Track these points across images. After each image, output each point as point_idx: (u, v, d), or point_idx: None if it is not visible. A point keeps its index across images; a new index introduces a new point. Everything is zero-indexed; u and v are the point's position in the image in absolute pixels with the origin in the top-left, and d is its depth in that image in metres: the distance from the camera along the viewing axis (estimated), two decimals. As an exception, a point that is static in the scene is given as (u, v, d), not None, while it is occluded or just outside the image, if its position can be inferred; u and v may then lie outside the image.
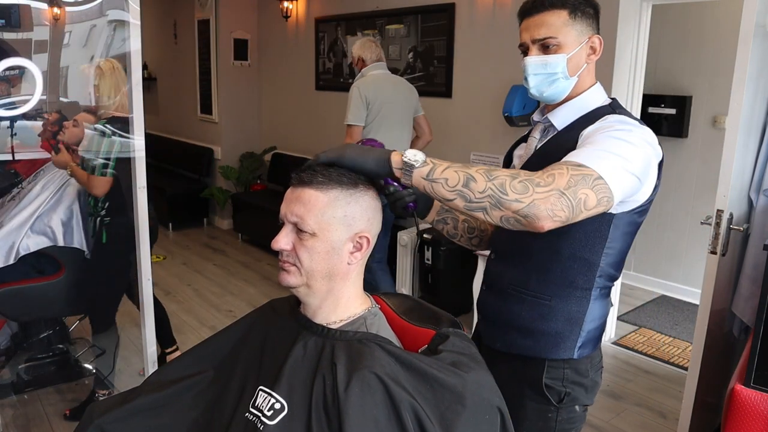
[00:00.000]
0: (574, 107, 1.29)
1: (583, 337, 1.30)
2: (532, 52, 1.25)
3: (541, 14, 1.23)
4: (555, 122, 1.30)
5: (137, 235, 2.12)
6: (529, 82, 1.27)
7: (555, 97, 1.28)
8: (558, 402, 1.30)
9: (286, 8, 5.15)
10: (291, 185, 1.05)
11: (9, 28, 2.05)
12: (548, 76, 1.25)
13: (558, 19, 1.23)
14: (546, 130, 1.33)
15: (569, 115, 1.29)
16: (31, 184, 2.54)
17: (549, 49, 1.24)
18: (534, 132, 1.36)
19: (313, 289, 1.05)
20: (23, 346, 2.81)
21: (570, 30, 1.24)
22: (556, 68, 1.24)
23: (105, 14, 2.21)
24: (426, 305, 1.24)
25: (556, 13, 1.23)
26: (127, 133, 2.15)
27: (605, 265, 1.27)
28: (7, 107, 2.11)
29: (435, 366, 0.97)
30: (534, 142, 1.34)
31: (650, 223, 4.29)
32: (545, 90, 1.27)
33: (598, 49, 1.30)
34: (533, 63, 1.24)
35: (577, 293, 1.27)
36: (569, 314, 1.28)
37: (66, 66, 2.43)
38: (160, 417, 1.08)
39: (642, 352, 3.36)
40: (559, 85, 1.26)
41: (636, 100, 3.19)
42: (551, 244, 1.24)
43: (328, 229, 1.02)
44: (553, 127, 1.31)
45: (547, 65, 1.24)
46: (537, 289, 1.29)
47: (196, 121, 6.08)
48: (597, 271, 1.27)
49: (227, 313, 3.82)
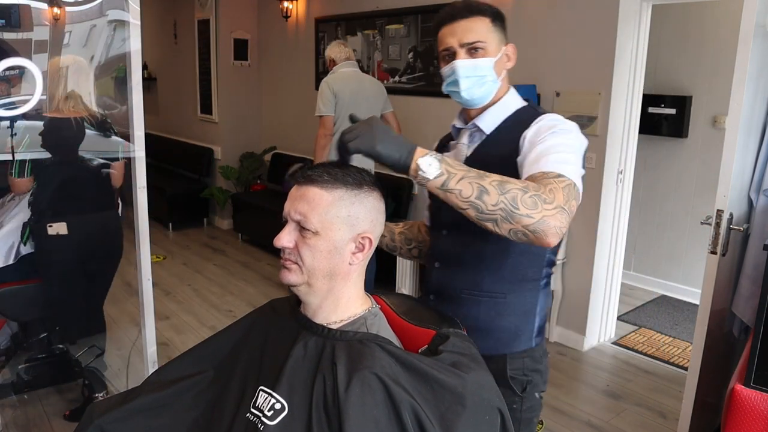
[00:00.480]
0: (498, 111, 1.34)
1: (537, 325, 1.38)
2: (461, 56, 1.28)
3: (468, 20, 1.27)
4: (482, 126, 1.34)
5: (137, 235, 2.12)
6: (460, 85, 1.29)
7: (484, 99, 1.32)
8: (521, 392, 1.36)
9: (286, 8, 5.15)
10: (296, 183, 1.06)
11: (9, 28, 2.05)
12: (479, 79, 1.29)
13: (483, 25, 1.28)
14: (473, 135, 1.38)
15: (495, 119, 1.34)
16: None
17: (477, 52, 1.28)
18: (461, 138, 1.40)
19: (314, 288, 1.05)
20: (23, 346, 2.81)
21: (493, 36, 1.29)
22: (486, 71, 1.29)
23: (105, 14, 2.21)
24: (426, 305, 1.24)
25: (481, 19, 1.28)
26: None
27: (549, 254, 1.36)
28: (7, 107, 2.10)
29: (435, 367, 0.97)
30: (464, 148, 1.38)
31: (650, 223, 4.29)
32: (476, 92, 1.30)
33: (512, 57, 1.35)
34: (465, 66, 1.28)
35: (528, 285, 1.34)
36: (524, 306, 1.35)
37: (66, 66, 2.43)
38: (160, 417, 1.08)
39: (642, 352, 3.36)
40: (489, 88, 1.31)
41: (636, 100, 3.19)
42: (501, 245, 1.29)
43: (331, 229, 1.02)
44: (481, 131, 1.35)
45: (478, 68, 1.28)
46: (491, 288, 1.34)
47: (196, 121, 6.08)
48: (544, 261, 1.35)
49: (227, 313, 3.82)
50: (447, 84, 1.33)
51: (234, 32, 5.55)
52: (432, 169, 1.03)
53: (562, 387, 2.96)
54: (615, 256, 3.38)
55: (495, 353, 1.33)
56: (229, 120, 5.73)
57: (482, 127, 1.34)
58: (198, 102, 6.00)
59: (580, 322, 3.36)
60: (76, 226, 2.44)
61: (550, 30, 3.26)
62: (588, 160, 3.17)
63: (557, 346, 3.40)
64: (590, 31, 3.09)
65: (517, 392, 1.35)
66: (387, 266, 3.66)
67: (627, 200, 3.33)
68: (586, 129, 3.17)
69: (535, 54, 3.32)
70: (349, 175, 1.05)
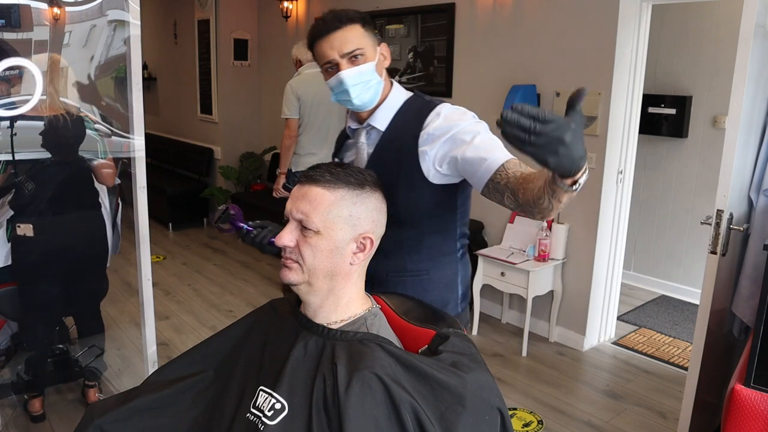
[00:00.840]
0: (388, 108, 1.42)
1: (461, 293, 1.51)
2: (344, 66, 1.34)
3: (341, 30, 1.33)
4: (377, 125, 1.42)
5: (137, 235, 2.12)
6: (351, 94, 1.36)
7: (373, 101, 1.40)
8: None
9: (286, 8, 5.15)
10: (298, 183, 1.07)
11: (9, 28, 2.05)
12: (366, 84, 1.36)
13: (357, 32, 1.34)
14: (369, 133, 1.45)
15: (386, 115, 1.42)
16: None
17: (358, 59, 1.34)
18: (359, 138, 1.46)
19: (315, 288, 1.05)
20: (23, 346, 2.81)
21: (368, 41, 1.36)
22: (370, 75, 1.36)
23: (105, 14, 2.21)
24: (426, 305, 1.24)
25: (354, 27, 1.34)
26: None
27: (460, 227, 1.48)
28: (7, 107, 2.10)
29: (435, 367, 0.97)
30: (364, 147, 1.46)
31: (650, 223, 4.29)
32: (365, 96, 1.37)
33: (387, 55, 1.42)
34: (350, 75, 1.34)
35: (446, 260, 1.47)
36: (446, 279, 1.47)
37: (66, 66, 2.42)
38: (160, 417, 1.08)
39: (642, 352, 3.36)
40: (376, 89, 1.38)
41: (636, 100, 3.19)
42: (416, 230, 1.42)
43: (333, 228, 1.02)
44: (376, 129, 1.43)
45: (362, 74, 1.35)
46: (414, 268, 1.45)
47: (196, 121, 6.08)
48: (457, 236, 1.48)
49: (227, 313, 3.82)
50: (337, 94, 1.39)
51: (234, 32, 5.55)
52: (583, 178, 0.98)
53: (562, 387, 2.97)
54: (615, 256, 3.38)
55: None
56: (229, 120, 5.73)
57: (377, 125, 1.42)
58: (198, 102, 6.00)
59: (580, 322, 3.36)
60: (50, 226, 2.38)
61: (550, 30, 3.25)
62: (588, 160, 3.19)
63: (557, 346, 3.40)
64: (590, 31, 3.09)
65: None
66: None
67: (627, 200, 3.34)
68: (586, 129, 3.17)
69: (535, 54, 3.32)
70: (351, 175, 1.05)
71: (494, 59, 3.55)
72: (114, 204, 2.63)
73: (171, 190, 5.66)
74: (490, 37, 3.57)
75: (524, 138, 0.83)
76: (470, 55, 3.73)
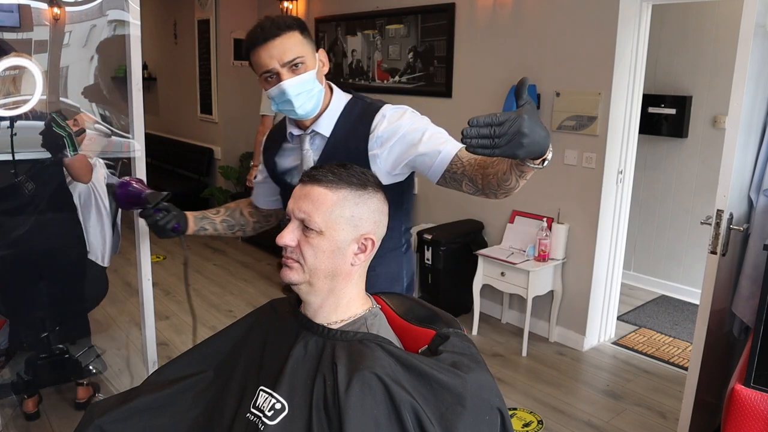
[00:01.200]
0: (330, 113, 1.41)
1: (405, 284, 1.54)
2: (285, 76, 1.31)
3: (280, 38, 1.29)
4: (322, 131, 1.41)
5: (137, 235, 2.12)
6: (294, 104, 1.33)
7: (316, 108, 1.38)
8: None
9: (286, 8, 5.15)
10: (300, 182, 1.07)
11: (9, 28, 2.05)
12: (308, 92, 1.33)
13: (296, 40, 1.31)
14: (313, 139, 1.43)
15: (330, 121, 1.40)
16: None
17: (298, 68, 1.31)
18: (303, 144, 1.44)
19: (315, 288, 1.05)
20: (23, 346, 2.81)
21: (306, 48, 1.33)
22: (312, 83, 1.33)
23: (105, 14, 2.21)
24: (426, 305, 1.24)
25: (292, 35, 1.30)
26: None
27: (405, 222, 1.51)
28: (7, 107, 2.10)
29: (435, 367, 0.97)
30: (309, 153, 1.43)
31: (650, 223, 4.29)
32: (308, 105, 1.35)
33: (325, 61, 1.40)
34: (292, 84, 1.31)
35: (391, 255, 1.48)
36: (391, 273, 1.50)
37: (66, 66, 2.42)
38: (160, 417, 1.08)
39: (642, 352, 3.36)
40: (318, 97, 1.36)
41: (636, 100, 3.19)
42: None
43: (335, 228, 1.02)
44: (320, 135, 1.42)
45: (305, 83, 1.32)
46: None
47: (196, 121, 6.08)
48: (401, 231, 1.50)
49: (227, 313, 3.82)
50: (278, 104, 1.36)
51: (234, 32, 5.55)
52: (550, 155, 1.04)
53: (562, 387, 2.97)
54: (615, 256, 3.38)
55: None
56: (229, 120, 5.73)
57: (321, 131, 1.41)
58: (198, 102, 6.00)
59: (580, 322, 3.36)
60: (21, 227, 2.35)
61: (550, 30, 3.25)
62: (588, 160, 3.20)
63: (557, 346, 3.40)
64: (590, 31, 3.09)
65: None
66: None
67: (627, 200, 3.34)
68: (586, 129, 3.17)
69: (535, 54, 3.32)
70: (353, 176, 1.05)
71: (494, 59, 3.55)
72: (114, 204, 2.63)
73: (171, 190, 5.64)
74: (490, 37, 3.57)
75: (489, 144, 0.90)
76: (470, 55, 3.73)
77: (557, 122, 3.26)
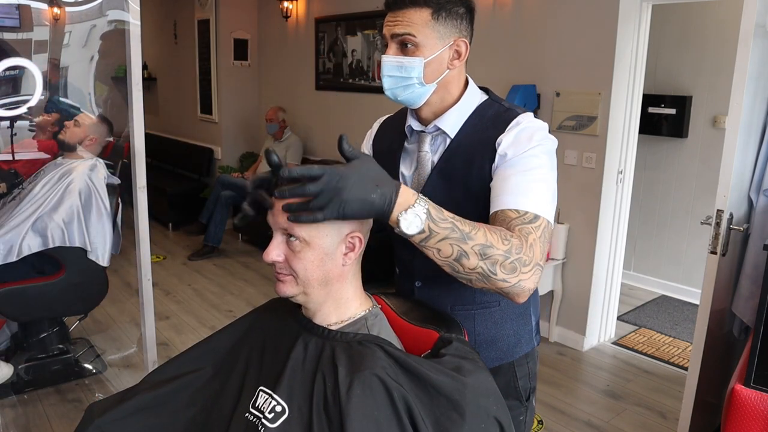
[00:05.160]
0: (460, 111, 1.22)
1: (535, 323, 1.33)
2: (391, 50, 1.17)
3: (403, 10, 1.15)
4: (446, 129, 1.22)
5: (137, 235, 2.12)
6: (384, 83, 1.18)
7: (410, 102, 1.20)
8: (526, 400, 1.31)
9: (286, 8, 5.15)
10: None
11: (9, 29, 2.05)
12: (403, 80, 1.16)
13: (419, 18, 1.14)
14: (435, 139, 1.25)
15: (458, 120, 1.22)
16: (32, 185, 2.54)
17: (407, 48, 1.15)
18: (422, 146, 1.25)
19: (311, 296, 1.05)
20: (23, 346, 2.81)
21: (431, 32, 1.14)
22: (411, 72, 1.15)
23: (105, 14, 2.21)
24: (426, 305, 1.24)
25: (419, 11, 1.14)
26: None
27: None
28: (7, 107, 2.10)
29: (434, 370, 0.96)
30: (427, 156, 1.24)
31: (650, 223, 4.29)
32: (399, 94, 1.18)
33: (463, 54, 1.20)
34: (388, 63, 1.16)
35: None
36: (519, 309, 1.28)
37: (66, 66, 2.43)
38: (158, 415, 1.08)
39: (642, 352, 3.36)
40: (414, 91, 1.18)
41: (636, 100, 3.19)
42: None
43: (318, 236, 0.99)
44: (444, 134, 1.23)
45: (403, 68, 1.15)
46: (483, 300, 1.26)
47: (196, 121, 6.08)
48: None
49: (227, 313, 3.82)
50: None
51: (234, 32, 5.55)
52: (413, 227, 0.93)
53: (562, 387, 2.96)
54: (615, 256, 3.38)
55: (501, 363, 1.29)
56: (229, 120, 5.73)
57: (446, 129, 1.22)
58: (198, 102, 5.99)
59: (580, 322, 3.36)
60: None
61: (550, 30, 3.25)
62: (588, 160, 3.20)
63: (557, 346, 3.40)
64: (590, 31, 3.09)
65: (523, 402, 1.31)
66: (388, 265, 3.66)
67: (627, 200, 3.34)
68: (586, 129, 3.17)
69: (535, 54, 3.32)
70: None
71: (494, 59, 3.55)
72: (114, 204, 2.64)
73: (171, 190, 5.66)
74: (490, 37, 3.57)
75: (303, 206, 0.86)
76: (470, 55, 3.72)
77: (557, 122, 3.26)
